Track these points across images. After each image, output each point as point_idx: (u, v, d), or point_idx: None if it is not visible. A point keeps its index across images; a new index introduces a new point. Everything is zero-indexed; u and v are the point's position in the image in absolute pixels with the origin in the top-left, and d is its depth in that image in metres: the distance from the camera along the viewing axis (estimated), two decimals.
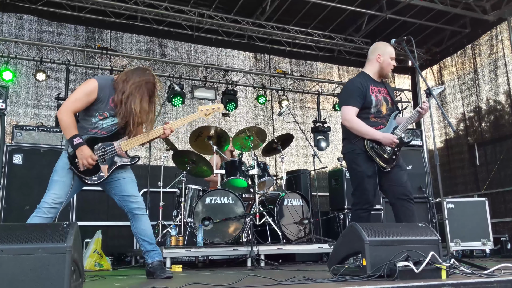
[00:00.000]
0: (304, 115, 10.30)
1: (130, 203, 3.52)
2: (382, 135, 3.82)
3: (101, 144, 3.41)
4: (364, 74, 4.08)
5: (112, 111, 3.45)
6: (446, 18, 9.07)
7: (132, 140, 3.53)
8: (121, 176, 3.52)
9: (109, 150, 3.43)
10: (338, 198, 7.32)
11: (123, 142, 3.50)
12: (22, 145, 5.86)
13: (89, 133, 3.41)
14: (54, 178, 3.33)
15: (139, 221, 3.55)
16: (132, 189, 3.55)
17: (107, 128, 3.46)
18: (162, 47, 9.16)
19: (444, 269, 2.68)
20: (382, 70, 4.05)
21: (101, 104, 3.41)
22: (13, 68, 7.79)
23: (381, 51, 4.05)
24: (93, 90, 3.37)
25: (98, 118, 3.43)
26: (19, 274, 2.13)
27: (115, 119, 3.47)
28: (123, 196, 3.52)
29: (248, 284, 2.71)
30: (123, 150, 3.49)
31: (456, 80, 9.81)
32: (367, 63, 4.15)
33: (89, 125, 3.43)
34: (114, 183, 3.51)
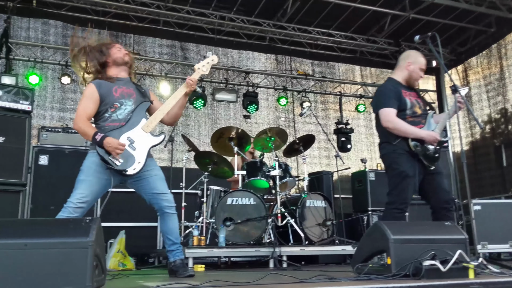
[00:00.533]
0: (326, 116, 10.23)
1: (161, 200, 3.52)
2: (427, 133, 3.80)
3: (125, 134, 3.41)
4: (394, 80, 4.07)
5: (121, 99, 3.49)
6: (471, 17, 8.91)
7: (151, 119, 3.53)
8: (150, 174, 3.52)
9: (134, 137, 3.43)
10: (362, 199, 7.23)
11: (144, 124, 3.49)
12: (48, 147, 5.95)
13: (107, 128, 3.41)
14: (80, 178, 3.36)
15: (168, 219, 3.55)
16: (162, 186, 3.55)
17: (123, 118, 3.46)
18: (184, 50, 9.23)
19: (472, 268, 2.60)
20: (410, 78, 4.03)
21: (107, 99, 3.45)
22: (39, 72, 7.96)
23: (412, 59, 4.03)
24: (93, 91, 3.43)
25: (110, 111, 3.46)
26: (42, 268, 2.15)
27: (127, 107, 3.49)
28: (153, 193, 3.52)
29: (270, 282, 2.68)
30: (146, 132, 3.48)
31: (482, 81, 9.62)
32: (396, 69, 4.14)
33: (105, 121, 3.46)
34: (144, 180, 3.51)
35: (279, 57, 9.96)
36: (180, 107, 3.71)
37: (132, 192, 6.16)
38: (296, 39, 9.52)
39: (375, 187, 7.12)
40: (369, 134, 10.56)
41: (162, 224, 3.59)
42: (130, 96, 3.55)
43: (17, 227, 2.30)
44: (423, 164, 3.81)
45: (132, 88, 3.62)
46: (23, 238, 2.19)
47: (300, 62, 10.12)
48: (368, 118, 10.64)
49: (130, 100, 3.54)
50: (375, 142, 10.45)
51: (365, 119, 10.61)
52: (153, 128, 3.53)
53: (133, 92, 3.59)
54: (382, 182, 6.94)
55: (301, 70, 10.04)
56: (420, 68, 4.01)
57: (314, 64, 10.26)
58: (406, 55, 4.11)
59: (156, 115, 3.55)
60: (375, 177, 7.22)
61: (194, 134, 8.82)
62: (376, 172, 7.31)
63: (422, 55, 4.06)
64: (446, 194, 3.82)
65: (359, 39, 9.66)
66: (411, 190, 3.79)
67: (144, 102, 3.58)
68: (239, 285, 2.43)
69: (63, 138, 6.12)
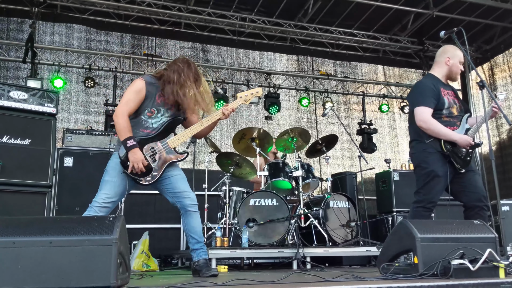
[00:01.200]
0: (349, 117, 10.13)
1: (183, 199, 3.55)
2: (459, 137, 3.76)
3: (151, 144, 3.48)
4: (433, 76, 4.01)
5: (160, 107, 3.53)
6: (496, 14, 8.71)
7: (178, 136, 3.59)
8: (171, 174, 3.56)
9: (158, 149, 3.49)
10: (386, 200, 7.13)
11: (171, 139, 3.56)
12: (72, 148, 6.04)
13: (140, 133, 3.47)
14: (105, 179, 3.42)
15: (191, 217, 3.57)
16: (184, 185, 3.59)
17: (157, 127, 3.52)
18: (205, 52, 9.27)
19: (502, 268, 2.52)
20: (451, 73, 3.99)
21: (149, 101, 3.49)
22: (63, 76, 8.09)
23: (450, 54, 3.99)
24: (142, 88, 3.48)
25: (147, 116, 3.50)
26: (67, 265, 2.16)
27: (163, 118, 3.54)
28: (176, 193, 3.56)
29: (294, 281, 2.64)
30: (171, 147, 3.54)
31: (509, 79, 9.41)
32: (435, 65, 4.08)
33: (139, 124, 3.50)
34: (165, 181, 3.55)
35: (300, 57, 9.91)
36: (210, 128, 3.79)
37: (155, 194, 6.26)
38: (318, 39, 9.46)
39: (400, 187, 7.01)
40: (392, 135, 10.42)
41: (185, 223, 3.61)
42: (169, 108, 3.59)
43: (42, 224, 2.31)
44: (453, 166, 3.74)
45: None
46: (48, 236, 2.20)
47: (322, 63, 10.05)
48: (391, 118, 10.50)
49: (168, 112, 3.58)
50: (399, 143, 10.31)
51: (388, 119, 10.47)
52: (178, 144, 3.60)
53: (173, 106, 3.61)
54: (407, 183, 6.89)
55: (323, 70, 9.97)
56: (459, 62, 3.97)
57: (336, 64, 10.18)
58: (444, 51, 4.05)
59: (185, 133, 3.63)
60: (400, 178, 7.11)
61: (216, 136, 8.83)
62: (400, 173, 7.20)
63: (458, 48, 3.98)
64: (479, 191, 3.74)
65: (382, 38, 9.54)
66: (439, 190, 3.74)
67: (178, 117, 3.64)
68: (263, 283, 2.40)
69: (87, 140, 6.20)
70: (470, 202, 3.74)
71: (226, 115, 3.68)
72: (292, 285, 2.17)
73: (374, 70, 10.47)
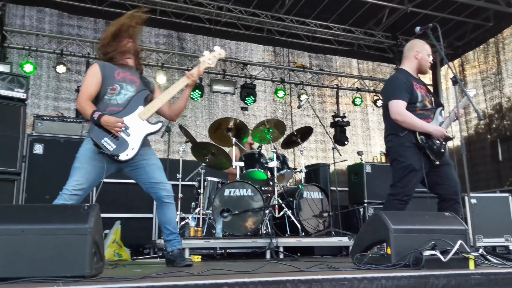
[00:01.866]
0: (323, 109, 10.22)
1: (160, 190, 3.46)
2: (434, 128, 3.82)
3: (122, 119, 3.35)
4: (405, 71, 4.06)
5: (122, 83, 3.45)
6: (469, 11, 8.90)
7: (148, 107, 3.47)
8: (147, 163, 3.47)
9: (129, 123, 3.38)
10: (358, 192, 7.23)
11: (141, 111, 3.44)
12: (43, 135, 5.88)
13: (107, 113, 3.35)
14: (76, 165, 3.32)
15: (167, 209, 3.50)
16: (160, 176, 3.50)
17: (122, 103, 3.42)
18: (181, 41, 9.17)
19: (472, 259, 2.59)
20: (422, 66, 4.06)
21: (108, 80, 3.42)
22: (34, 61, 7.87)
23: (419, 47, 4.05)
24: (96, 70, 3.41)
25: (110, 94, 3.41)
26: (40, 254, 2.12)
27: (127, 93, 3.45)
28: (151, 183, 3.47)
29: (270, 270, 2.66)
30: (142, 119, 3.43)
31: (478, 75, 9.63)
32: (404, 60, 4.14)
33: (105, 105, 3.41)
34: (142, 169, 3.46)
35: (277, 49, 9.92)
36: (184, 99, 3.65)
37: (128, 183, 6.19)
38: (294, 31, 9.47)
39: (371, 179, 7.12)
40: (365, 128, 10.56)
41: (160, 214, 3.55)
42: (132, 83, 3.50)
43: (15, 212, 2.26)
44: (428, 158, 3.82)
45: (136, 76, 3.58)
46: (20, 224, 2.15)
47: (297, 55, 10.09)
48: (364, 111, 10.64)
49: (132, 87, 3.49)
50: (371, 136, 10.47)
51: (361, 112, 10.61)
52: (150, 115, 3.47)
53: (137, 80, 3.54)
54: (378, 175, 7.01)
55: (298, 62, 10.00)
56: (428, 54, 4.05)
57: (311, 56, 10.23)
58: (412, 45, 4.12)
59: (154, 103, 3.50)
60: (371, 170, 7.22)
61: (191, 125, 8.77)
62: (372, 165, 7.31)
63: (426, 42, 4.08)
64: (455, 184, 3.82)
65: (357, 32, 9.62)
66: (415, 183, 3.81)
67: (144, 90, 3.53)
68: (239, 273, 2.40)
69: (58, 127, 6.05)
70: (446, 194, 3.82)
71: (190, 78, 3.54)
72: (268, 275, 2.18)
73: (349, 64, 10.58)
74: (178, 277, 2.21)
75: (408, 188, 3.80)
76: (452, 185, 3.81)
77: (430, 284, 2.25)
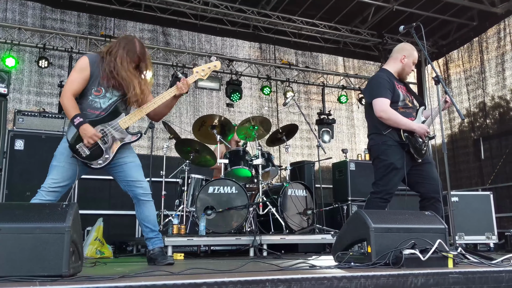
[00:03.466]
0: (309, 107, 10.24)
1: (136, 188, 3.44)
2: (418, 125, 3.86)
3: (101, 125, 3.32)
4: (387, 70, 4.09)
5: (108, 87, 3.36)
6: (454, 10, 8.97)
7: (130, 116, 3.43)
8: (124, 161, 3.43)
9: (108, 131, 3.34)
10: (342, 189, 7.28)
11: (122, 119, 3.39)
12: (24, 131, 5.81)
13: (89, 114, 3.31)
14: (53, 164, 3.29)
15: (144, 207, 3.48)
16: (137, 174, 3.46)
17: (106, 107, 3.36)
18: (166, 36, 9.09)
19: (451, 258, 2.62)
20: (403, 71, 4.08)
21: (94, 79, 3.33)
22: (16, 55, 7.74)
23: (407, 52, 4.06)
24: (85, 66, 3.32)
25: (94, 95, 3.34)
26: (18, 253, 2.09)
27: (112, 97, 3.38)
28: (128, 181, 3.44)
29: (251, 269, 2.66)
30: (123, 128, 3.39)
31: (462, 74, 9.72)
32: (390, 60, 4.15)
33: (87, 105, 3.34)
34: (118, 168, 3.43)
35: (263, 45, 9.89)
36: (167, 107, 3.61)
37: (110, 180, 6.13)
38: (280, 28, 9.46)
39: (355, 177, 7.17)
40: (350, 125, 10.61)
41: (138, 212, 3.52)
42: (118, 88, 3.41)
43: None
44: (411, 156, 3.84)
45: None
46: None
47: (284, 52, 10.07)
48: (349, 109, 10.69)
49: (118, 91, 3.41)
50: (356, 133, 10.52)
51: (346, 110, 10.65)
52: (130, 124, 3.44)
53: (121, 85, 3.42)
54: (362, 173, 7.05)
55: (285, 59, 10.00)
56: (413, 62, 4.06)
57: (298, 54, 10.23)
58: (402, 48, 4.12)
59: (136, 112, 3.46)
60: (355, 168, 7.27)
61: (176, 121, 8.72)
62: (357, 163, 7.36)
63: (416, 49, 4.10)
64: (436, 183, 3.85)
65: (343, 30, 9.64)
66: (397, 182, 3.84)
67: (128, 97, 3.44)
68: (220, 272, 2.40)
69: (39, 123, 5.99)
70: (427, 193, 3.86)
71: (179, 89, 3.48)
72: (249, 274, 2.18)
73: (334, 61, 10.60)
74: (157, 276, 2.19)
75: (390, 187, 3.82)
76: (433, 184, 3.85)
77: (409, 283, 2.27)
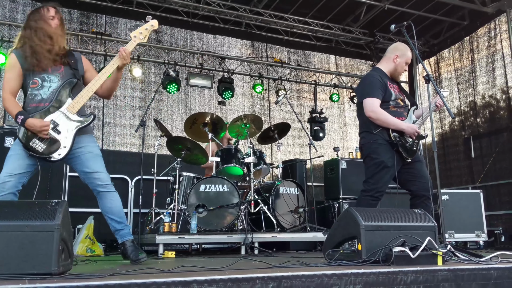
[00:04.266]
0: (301, 105, 10.25)
1: (93, 179, 3.27)
2: (407, 125, 3.89)
3: (49, 116, 3.16)
4: (380, 70, 4.11)
5: (43, 75, 3.23)
6: (445, 10, 9.01)
7: (77, 99, 3.23)
8: (82, 151, 3.27)
9: (58, 119, 3.18)
10: (333, 187, 7.29)
11: (70, 104, 3.22)
12: (14, 128, 5.73)
13: (31, 110, 3.17)
14: (8, 154, 3.19)
15: (105, 198, 3.30)
16: (95, 164, 3.28)
17: (47, 97, 3.21)
18: (157, 33, 9.05)
19: (440, 255, 2.64)
20: (395, 71, 4.10)
21: (28, 73, 3.21)
22: (6, 52, 7.67)
23: (400, 52, 4.09)
24: (14, 62, 3.21)
25: (32, 88, 3.21)
26: (7, 251, 2.08)
27: (52, 85, 3.23)
28: (85, 172, 3.27)
29: (242, 267, 2.66)
30: (73, 112, 3.22)
31: (453, 73, 9.78)
32: (383, 59, 4.19)
33: (29, 101, 3.22)
34: (77, 159, 3.27)
35: (255, 43, 9.89)
36: (114, 80, 3.41)
37: None
38: (273, 26, 9.45)
39: (347, 175, 7.18)
40: (342, 124, 10.64)
41: (100, 205, 3.34)
42: (55, 71, 3.27)
43: None
44: (401, 155, 3.87)
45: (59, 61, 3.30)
46: None
47: (276, 50, 10.07)
48: (341, 107, 10.72)
49: (56, 76, 3.27)
50: (348, 132, 10.56)
51: (338, 108, 10.68)
52: (79, 107, 3.25)
53: (60, 66, 3.29)
54: (354, 171, 7.07)
55: (277, 57, 10.00)
56: (405, 62, 4.09)
57: (290, 52, 10.23)
58: (395, 47, 4.15)
59: (82, 93, 3.25)
60: (347, 166, 7.28)
61: (167, 119, 8.69)
62: (348, 161, 7.38)
63: (409, 49, 4.11)
64: (427, 181, 3.90)
65: (335, 28, 9.66)
66: (388, 180, 3.88)
67: (71, 79, 3.28)
68: (210, 270, 2.40)
69: None
70: (418, 191, 3.90)
71: (121, 59, 3.27)
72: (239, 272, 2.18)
73: (327, 60, 10.61)
74: (148, 274, 2.19)
75: (380, 185, 3.85)
76: (423, 182, 3.89)
77: (399, 280, 2.29)
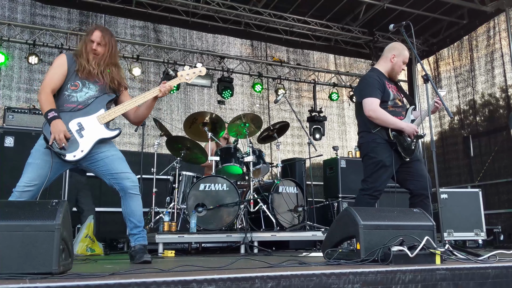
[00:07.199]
0: (300, 104, 10.27)
1: (123, 180, 3.32)
2: (406, 125, 3.91)
3: (78, 119, 3.27)
4: (378, 70, 4.13)
5: (85, 80, 3.35)
6: (444, 9, 9.02)
7: (110, 112, 3.36)
8: (106, 155, 3.34)
9: (85, 125, 3.28)
10: (333, 186, 7.31)
11: (101, 114, 3.33)
12: (14, 128, 5.77)
13: (65, 108, 3.27)
14: (28, 161, 3.21)
15: (132, 200, 3.36)
16: (122, 165, 3.35)
17: (83, 101, 3.32)
18: (157, 32, 9.06)
19: (438, 254, 2.65)
20: (393, 71, 4.11)
21: (71, 75, 3.33)
22: (5, 51, 7.68)
23: (397, 52, 4.09)
24: (63, 62, 3.34)
25: (70, 90, 3.32)
26: (7, 251, 2.08)
27: (89, 92, 3.36)
28: (113, 174, 3.33)
29: (241, 266, 2.67)
30: (101, 123, 3.32)
31: (452, 72, 9.79)
32: (381, 59, 4.20)
33: (64, 100, 3.31)
34: (99, 162, 3.33)
35: (254, 43, 9.89)
36: (148, 108, 3.55)
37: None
38: (272, 25, 9.46)
39: (346, 174, 7.20)
40: (341, 123, 10.66)
41: (125, 206, 3.38)
42: (96, 82, 3.39)
43: None
44: (399, 155, 3.89)
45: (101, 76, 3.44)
46: None
47: (275, 49, 10.08)
48: (340, 106, 10.73)
49: (95, 86, 3.39)
50: (347, 131, 10.57)
51: (337, 107, 10.69)
52: (109, 120, 3.36)
53: (101, 80, 3.42)
54: (353, 170, 7.09)
55: (276, 57, 10.01)
56: (403, 62, 4.10)
57: (289, 51, 10.24)
58: (392, 47, 4.16)
59: (116, 109, 3.40)
60: (346, 165, 7.31)
61: (167, 119, 8.70)
62: (347, 160, 7.40)
63: (407, 48, 4.12)
64: (425, 182, 3.90)
65: (334, 28, 9.67)
66: (386, 179, 3.89)
67: (108, 94, 3.43)
68: (210, 269, 2.41)
69: (29, 120, 5.94)
70: (417, 190, 3.92)
71: (163, 92, 3.44)
72: (239, 271, 2.19)
73: (326, 59, 10.63)
74: (148, 273, 2.20)
75: (379, 184, 3.87)
76: (422, 181, 3.90)
77: (397, 279, 2.30)
